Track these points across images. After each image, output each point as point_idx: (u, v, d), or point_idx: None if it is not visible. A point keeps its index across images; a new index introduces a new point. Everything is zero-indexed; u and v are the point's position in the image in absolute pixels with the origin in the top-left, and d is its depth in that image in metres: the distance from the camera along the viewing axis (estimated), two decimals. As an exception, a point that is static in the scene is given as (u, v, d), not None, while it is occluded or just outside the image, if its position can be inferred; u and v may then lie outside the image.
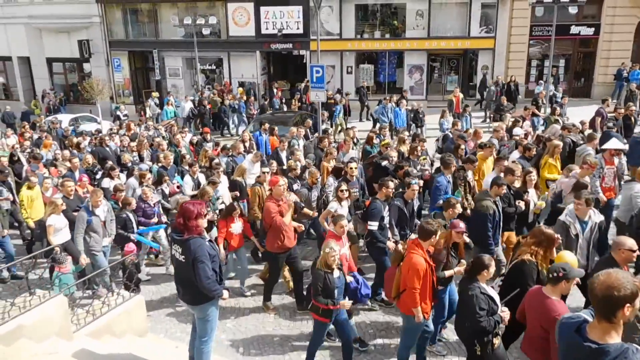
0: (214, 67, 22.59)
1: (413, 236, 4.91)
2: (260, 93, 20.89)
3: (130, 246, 6.75)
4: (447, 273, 4.86)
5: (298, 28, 20.38)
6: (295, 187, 7.61)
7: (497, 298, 4.07)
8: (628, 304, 2.16)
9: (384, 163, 7.95)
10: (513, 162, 7.00)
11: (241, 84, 21.52)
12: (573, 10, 18.12)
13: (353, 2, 20.33)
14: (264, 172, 7.65)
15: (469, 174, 7.21)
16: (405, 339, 4.82)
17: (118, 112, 17.90)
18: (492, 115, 17.05)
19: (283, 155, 9.79)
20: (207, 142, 11.72)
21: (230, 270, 6.99)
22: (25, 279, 5.84)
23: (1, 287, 7.11)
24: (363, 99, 18.60)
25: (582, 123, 10.35)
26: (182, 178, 8.58)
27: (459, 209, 5.51)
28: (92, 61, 22.82)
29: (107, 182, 8.45)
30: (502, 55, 19.88)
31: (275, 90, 19.83)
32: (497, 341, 3.99)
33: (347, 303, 4.72)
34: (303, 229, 6.64)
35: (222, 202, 7.61)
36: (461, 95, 16.25)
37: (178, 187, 8.45)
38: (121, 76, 20.55)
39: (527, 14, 19.21)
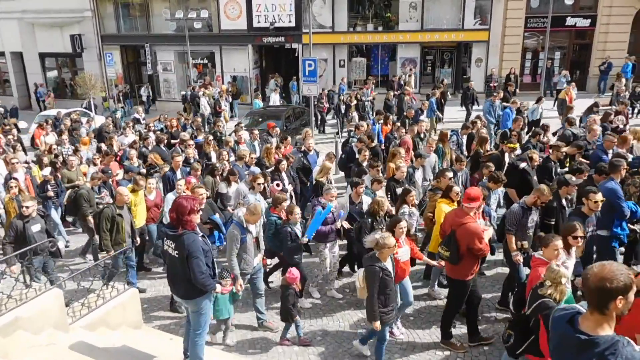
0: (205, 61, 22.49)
1: None
2: (252, 87, 20.77)
3: (294, 273, 5.52)
4: None
5: (290, 21, 20.27)
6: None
7: None
8: (621, 296, 2.15)
9: (522, 165, 6.94)
10: None
11: (233, 78, 21.45)
12: (569, 1, 18.00)
13: (346, -6, 20.22)
14: (447, 177, 6.33)
15: None
16: None
17: (136, 115, 16.11)
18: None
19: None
20: (272, 137, 10.65)
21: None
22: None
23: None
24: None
25: None
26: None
27: None
28: (85, 56, 22.70)
29: (223, 188, 7.36)
30: (497, 48, 19.81)
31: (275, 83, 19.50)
32: None
33: None
34: None
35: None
36: (574, 93, 14.35)
37: (277, 184, 7.57)
38: (114, 71, 20.37)
39: (522, 5, 19.15)
